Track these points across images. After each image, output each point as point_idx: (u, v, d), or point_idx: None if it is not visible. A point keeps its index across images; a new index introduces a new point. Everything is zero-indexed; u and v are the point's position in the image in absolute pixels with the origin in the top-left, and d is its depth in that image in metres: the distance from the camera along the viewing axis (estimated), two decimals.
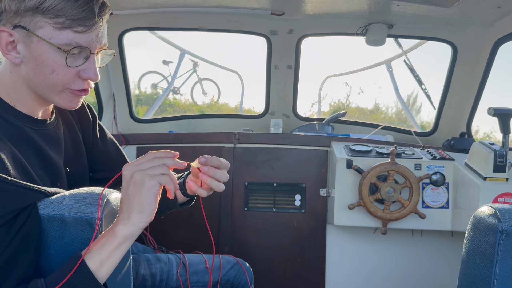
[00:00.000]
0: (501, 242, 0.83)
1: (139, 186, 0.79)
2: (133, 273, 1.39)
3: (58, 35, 0.88)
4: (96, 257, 0.77)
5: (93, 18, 0.89)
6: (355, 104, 8.54)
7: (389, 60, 3.02)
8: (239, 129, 2.72)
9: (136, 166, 0.82)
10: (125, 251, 0.81)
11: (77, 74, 0.94)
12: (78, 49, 0.90)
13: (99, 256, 0.77)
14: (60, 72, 0.91)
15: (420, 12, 2.05)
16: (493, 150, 1.81)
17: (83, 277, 0.76)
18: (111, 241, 0.78)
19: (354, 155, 2.03)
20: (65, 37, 0.88)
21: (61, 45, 0.88)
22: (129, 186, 0.80)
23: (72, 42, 0.89)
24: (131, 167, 0.82)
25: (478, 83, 2.32)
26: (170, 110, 8.13)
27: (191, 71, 8.06)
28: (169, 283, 1.43)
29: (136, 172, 0.80)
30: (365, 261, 2.21)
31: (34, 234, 0.78)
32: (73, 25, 0.88)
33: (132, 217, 0.79)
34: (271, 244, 2.21)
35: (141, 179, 0.79)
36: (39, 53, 0.89)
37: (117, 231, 0.79)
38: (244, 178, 2.19)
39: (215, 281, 1.47)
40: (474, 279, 0.89)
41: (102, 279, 0.78)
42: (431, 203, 1.99)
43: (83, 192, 0.85)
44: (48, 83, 0.92)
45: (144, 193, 0.79)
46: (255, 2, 2.07)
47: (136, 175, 0.80)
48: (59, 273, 0.76)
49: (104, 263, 0.78)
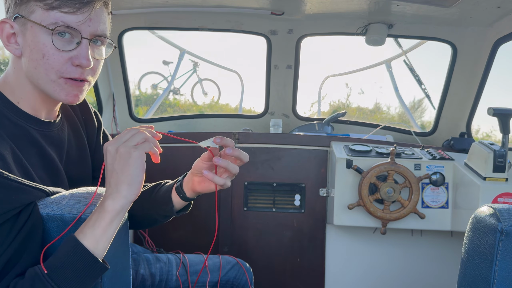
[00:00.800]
0: (501, 242, 0.83)
1: (125, 158, 0.80)
2: (132, 273, 1.39)
3: (46, 16, 0.89)
4: (89, 235, 0.77)
5: (82, 1, 0.89)
6: (355, 104, 8.54)
7: (389, 60, 3.02)
8: (239, 129, 2.72)
9: (119, 141, 0.83)
10: (117, 226, 0.81)
11: (69, 60, 0.92)
12: (65, 28, 0.89)
13: (92, 233, 0.78)
14: (50, 56, 0.91)
15: (420, 12, 2.05)
16: (492, 150, 1.81)
17: (80, 256, 0.76)
18: (102, 217, 0.78)
19: (354, 155, 2.03)
20: (52, 17, 0.89)
21: (48, 25, 0.89)
22: (115, 161, 0.81)
23: (59, 21, 0.89)
24: (115, 142, 0.83)
25: (478, 83, 2.32)
26: (170, 111, 8.13)
27: (192, 71, 8.05)
28: (169, 283, 1.43)
29: (121, 146, 0.81)
30: (365, 261, 2.21)
31: (37, 230, 0.79)
32: (61, 6, 0.88)
33: (121, 190, 0.80)
34: (271, 244, 2.21)
35: (127, 152, 0.81)
36: (32, 38, 0.90)
37: (107, 206, 0.79)
38: (244, 178, 2.19)
39: (215, 281, 1.47)
40: (473, 279, 0.89)
41: (100, 255, 0.79)
42: (430, 203, 1.99)
43: (82, 192, 0.85)
44: (41, 71, 0.92)
45: (131, 164, 0.80)
46: (255, 2, 2.07)
47: (121, 148, 0.81)
48: (55, 257, 0.77)
49: (99, 240, 0.78)
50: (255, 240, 2.21)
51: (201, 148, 0.96)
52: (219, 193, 2.19)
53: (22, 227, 0.77)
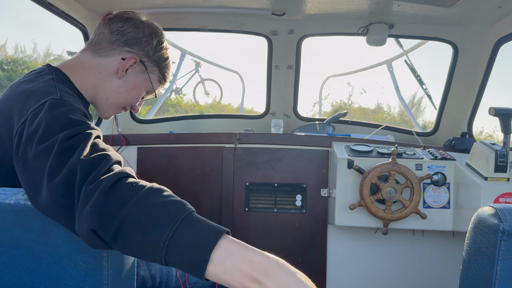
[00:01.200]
0: (503, 242, 0.83)
1: None
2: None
3: (155, 83, 1.27)
4: (223, 257, 0.66)
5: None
6: (357, 104, 8.55)
7: (390, 60, 3.02)
8: (240, 129, 2.72)
9: None
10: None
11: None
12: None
13: (224, 259, 0.66)
14: (133, 99, 1.25)
15: (421, 12, 2.05)
16: (494, 150, 1.81)
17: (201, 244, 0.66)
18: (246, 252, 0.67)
19: (355, 155, 2.02)
20: (155, 86, 1.28)
21: (150, 89, 1.28)
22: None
23: (155, 90, 1.30)
24: None
25: (479, 83, 2.32)
26: (172, 111, 8.14)
27: (194, 71, 8.06)
28: (169, 284, 1.43)
29: None
30: (366, 261, 2.21)
31: None
32: (162, 83, 1.31)
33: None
34: (272, 244, 2.21)
35: None
36: (137, 82, 1.23)
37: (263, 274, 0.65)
38: (245, 179, 2.19)
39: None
40: (475, 279, 0.89)
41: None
42: (432, 203, 1.99)
43: None
44: (122, 101, 1.23)
45: None
46: (255, 2, 2.08)
47: None
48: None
49: (222, 262, 0.66)
50: (256, 241, 2.21)
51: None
52: (220, 193, 2.19)
53: None
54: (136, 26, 1.20)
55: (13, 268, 0.80)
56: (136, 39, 1.19)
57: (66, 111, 0.87)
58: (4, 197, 0.82)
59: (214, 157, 2.17)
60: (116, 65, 1.18)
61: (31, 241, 0.80)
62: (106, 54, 1.18)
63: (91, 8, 2.09)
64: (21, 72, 6.83)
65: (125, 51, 1.18)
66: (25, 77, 1.05)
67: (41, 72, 1.06)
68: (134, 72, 1.20)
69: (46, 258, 0.80)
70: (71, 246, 0.80)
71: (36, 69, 1.10)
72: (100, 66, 1.17)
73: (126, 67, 1.18)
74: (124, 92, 1.21)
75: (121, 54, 1.18)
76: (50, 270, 0.80)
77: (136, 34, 1.19)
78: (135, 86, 1.22)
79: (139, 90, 1.23)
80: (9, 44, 7.98)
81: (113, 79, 1.19)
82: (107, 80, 1.18)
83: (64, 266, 0.80)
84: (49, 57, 7.77)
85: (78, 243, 0.79)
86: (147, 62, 1.22)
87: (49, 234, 0.80)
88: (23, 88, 0.97)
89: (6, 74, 6.99)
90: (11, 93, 0.99)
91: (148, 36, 1.21)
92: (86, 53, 1.19)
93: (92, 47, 1.19)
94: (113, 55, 1.18)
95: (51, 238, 0.80)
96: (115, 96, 1.20)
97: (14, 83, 1.04)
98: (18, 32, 8.96)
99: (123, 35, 1.18)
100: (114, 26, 1.19)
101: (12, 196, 0.82)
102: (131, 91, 1.22)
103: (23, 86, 0.98)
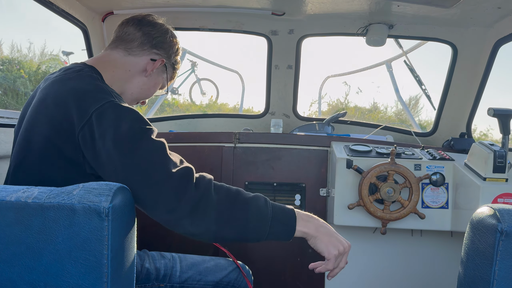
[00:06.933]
0: (501, 243, 0.84)
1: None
2: (138, 266, 1.42)
3: (168, 81, 1.45)
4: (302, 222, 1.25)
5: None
6: (353, 104, 8.56)
7: (389, 61, 3.03)
8: (240, 129, 2.72)
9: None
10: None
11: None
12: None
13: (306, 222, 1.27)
14: (151, 96, 1.43)
15: (421, 12, 2.05)
16: (492, 151, 1.81)
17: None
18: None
19: (354, 155, 2.03)
20: (169, 84, 1.48)
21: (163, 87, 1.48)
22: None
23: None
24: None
25: (478, 84, 2.32)
26: (169, 110, 8.14)
27: (190, 71, 8.06)
28: (173, 278, 1.45)
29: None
30: (365, 261, 2.22)
31: None
32: (171, 81, 1.48)
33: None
34: (271, 244, 2.21)
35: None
36: (159, 82, 1.42)
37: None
38: (244, 178, 2.19)
39: (216, 281, 1.49)
40: (473, 279, 0.89)
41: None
42: (430, 203, 1.99)
43: (93, 183, 0.85)
44: (143, 96, 1.39)
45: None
46: (255, 2, 2.08)
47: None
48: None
49: (305, 223, 1.28)
50: None
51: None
52: None
53: None
54: (164, 32, 1.37)
55: (13, 265, 0.80)
56: (163, 43, 1.36)
57: (130, 110, 1.08)
58: (5, 194, 0.82)
59: (214, 156, 2.17)
60: (145, 65, 1.33)
61: (31, 238, 0.81)
62: (137, 53, 1.32)
63: (91, 7, 2.09)
64: (16, 72, 6.78)
65: (153, 53, 1.34)
66: (65, 74, 1.15)
67: (81, 70, 1.17)
68: (157, 71, 1.38)
69: (46, 255, 0.81)
70: (71, 243, 0.80)
71: (72, 66, 1.21)
72: (131, 64, 1.31)
73: (155, 67, 1.34)
74: (147, 89, 1.37)
75: (150, 55, 1.34)
76: (50, 267, 0.81)
77: (164, 39, 1.36)
78: (155, 84, 1.39)
79: (157, 87, 1.41)
80: (5, 44, 7.95)
81: (140, 76, 1.34)
82: (135, 77, 1.33)
83: (64, 263, 0.80)
84: (44, 56, 7.75)
85: (78, 240, 0.80)
86: (168, 63, 1.40)
87: (49, 231, 0.80)
88: (74, 85, 1.09)
89: (1, 74, 6.96)
90: (60, 86, 1.10)
91: (171, 42, 1.39)
92: (117, 51, 1.31)
93: (123, 45, 1.32)
94: (143, 55, 1.33)
95: (51, 236, 0.80)
96: (139, 92, 1.36)
97: (56, 79, 1.14)
98: (15, 31, 8.94)
99: (153, 39, 1.34)
100: (145, 29, 1.33)
101: (12, 194, 0.83)
102: (152, 88, 1.39)
103: (72, 83, 1.10)
